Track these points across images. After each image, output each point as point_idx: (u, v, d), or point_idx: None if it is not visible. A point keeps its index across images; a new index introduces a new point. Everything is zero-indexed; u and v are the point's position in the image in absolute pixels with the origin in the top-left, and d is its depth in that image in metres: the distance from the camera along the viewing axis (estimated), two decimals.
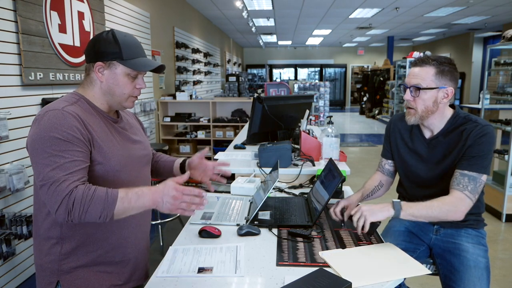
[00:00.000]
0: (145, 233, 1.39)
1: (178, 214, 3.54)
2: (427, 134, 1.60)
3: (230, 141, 3.22)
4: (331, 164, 1.69)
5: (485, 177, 1.45)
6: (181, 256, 1.28)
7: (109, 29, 1.28)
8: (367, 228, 1.34)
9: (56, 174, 1.08)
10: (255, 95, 4.40)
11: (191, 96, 5.91)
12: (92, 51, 1.23)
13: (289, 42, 15.51)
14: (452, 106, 1.59)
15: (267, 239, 1.42)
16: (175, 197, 1.12)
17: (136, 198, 1.12)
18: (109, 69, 1.23)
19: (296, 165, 2.16)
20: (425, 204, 1.41)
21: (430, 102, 1.48)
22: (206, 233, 1.43)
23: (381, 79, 12.41)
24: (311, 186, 2.01)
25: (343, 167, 2.10)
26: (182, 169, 1.56)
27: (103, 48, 1.22)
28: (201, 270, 1.19)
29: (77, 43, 3.34)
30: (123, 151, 1.27)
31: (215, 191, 1.98)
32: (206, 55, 8.64)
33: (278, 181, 2.04)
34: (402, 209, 1.38)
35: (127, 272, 1.30)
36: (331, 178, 1.60)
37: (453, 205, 1.41)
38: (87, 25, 3.51)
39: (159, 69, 1.30)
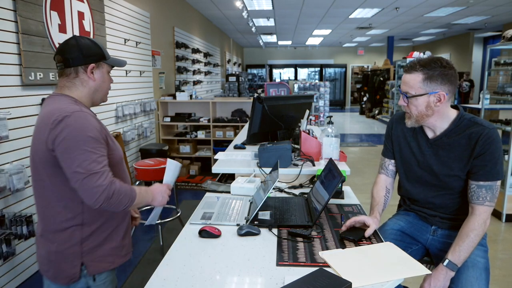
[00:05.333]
0: (129, 212, 1.57)
1: (179, 214, 3.54)
2: (430, 134, 1.59)
3: (230, 141, 3.22)
4: (331, 164, 1.69)
5: (499, 181, 1.49)
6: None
7: (72, 36, 1.41)
8: None
9: (94, 167, 1.23)
10: (255, 95, 4.40)
11: (191, 96, 5.91)
12: (80, 55, 1.35)
13: (289, 42, 15.51)
14: (456, 107, 1.57)
15: (267, 239, 1.42)
16: (168, 195, 1.52)
17: (144, 195, 1.42)
18: (98, 69, 1.40)
19: (296, 165, 2.16)
20: (465, 241, 1.45)
21: (423, 107, 1.48)
22: (206, 233, 1.44)
23: (381, 79, 12.41)
24: (311, 186, 2.01)
25: (343, 167, 2.10)
26: None
27: (90, 51, 1.37)
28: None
29: None
30: (117, 143, 1.48)
31: (215, 191, 1.99)
32: (206, 55, 8.64)
33: (278, 181, 2.04)
34: (456, 264, 1.44)
35: (126, 246, 1.48)
36: (331, 178, 1.60)
37: (483, 222, 1.46)
38: (87, 25, 3.51)
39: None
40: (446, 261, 1.45)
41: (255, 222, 1.53)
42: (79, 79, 1.37)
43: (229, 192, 1.95)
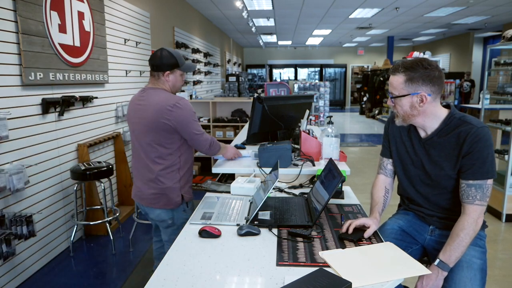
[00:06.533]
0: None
1: None
2: (422, 134, 1.61)
3: (230, 141, 3.22)
4: (331, 164, 1.69)
5: (491, 180, 1.47)
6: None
7: (160, 48, 2.06)
8: None
9: (201, 129, 2.02)
10: (255, 95, 4.40)
11: (191, 96, 5.91)
12: (160, 64, 2.00)
13: (289, 42, 15.50)
14: (447, 106, 1.58)
15: (267, 239, 1.42)
16: (235, 153, 2.32)
17: (223, 149, 2.22)
18: (172, 73, 2.03)
19: (296, 165, 2.16)
20: (455, 241, 1.45)
21: (407, 107, 1.51)
22: (206, 233, 1.44)
23: (381, 79, 12.40)
24: (311, 186, 2.01)
25: (343, 167, 2.10)
26: None
27: (167, 62, 2.00)
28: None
29: (77, 43, 3.34)
30: None
31: (215, 191, 1.99)
32: (206, 55, 8.64)
33: (278, 181, 2.05)
34: (447, 263, 1.44)
35: (191, 187, 2.18)
36: (331, 178, 1.60)
37: (473, 221, 1.46)
38: (87, 25, 3.51)
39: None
40: (437, 260, 1.45)
41: (255, 222, 1.53)
42: (161, 80, 2.03)
43: (229, 192, 1.95)
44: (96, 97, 3.64)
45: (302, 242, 1.39)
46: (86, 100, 3.47)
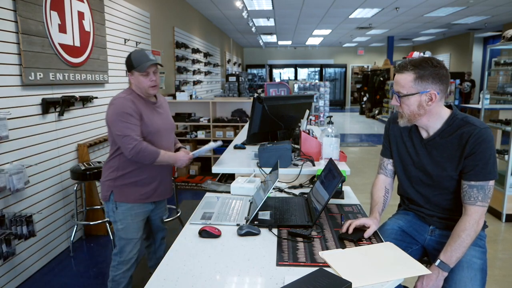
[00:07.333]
0: (168, 171, 2.25)
1: (179, 214, 3.55)
2: (424, 134, 1.60)
3: (230, 141, 3.22)
4: (331, 164, 1.69)
5: (492, 181, 1.46)
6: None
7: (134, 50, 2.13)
8: None
9: (126, 131, 1.95)
10: (255, 95, 4.40)
11: (191, 96, 5.91)
12: (125, 66, 2.12)
13: (289, 42, 15.51)
14: (449, 106, 1.58)
15: (267, 239, 1.42)
16: (186, 161, 2.16)
17: (168, 156, 2.09)
18: (132, 75, 2.09)
19: (296, 165, 2.16)
20: (457, 242, 1.45)
21: (415, 107, 1.49)
22: (206, 233, 1.44)
23: (381, 79, 12.41)
24: (311, 186, 2.01)
25: (343, 167, 2.10)
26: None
27: (127, 64, 2.10)
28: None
29: (77, 43, 3.34)
30: (157, 121, 2.14)
31: (215, 191, 1.99)
32: (206, 55, 8.64)
33: (278, 181, 2.04)
34: (448, 264, 1.44)
35: (148, 194, 2.15)
36: (331, 178, 1.60)
37: (474, 222, 1.45)
38: (87, 25, 3.51)
39: (159, 63, 2.15)
40: (438, 261, 1.45)
41: (255, 222, 1.53)
42: (129, 80, 2.13)
43: (229, 192, 1.95)
44: (96, 97, 3.64)
45: (302, 242, 1.39)
46: (86, 100, 3.47)
